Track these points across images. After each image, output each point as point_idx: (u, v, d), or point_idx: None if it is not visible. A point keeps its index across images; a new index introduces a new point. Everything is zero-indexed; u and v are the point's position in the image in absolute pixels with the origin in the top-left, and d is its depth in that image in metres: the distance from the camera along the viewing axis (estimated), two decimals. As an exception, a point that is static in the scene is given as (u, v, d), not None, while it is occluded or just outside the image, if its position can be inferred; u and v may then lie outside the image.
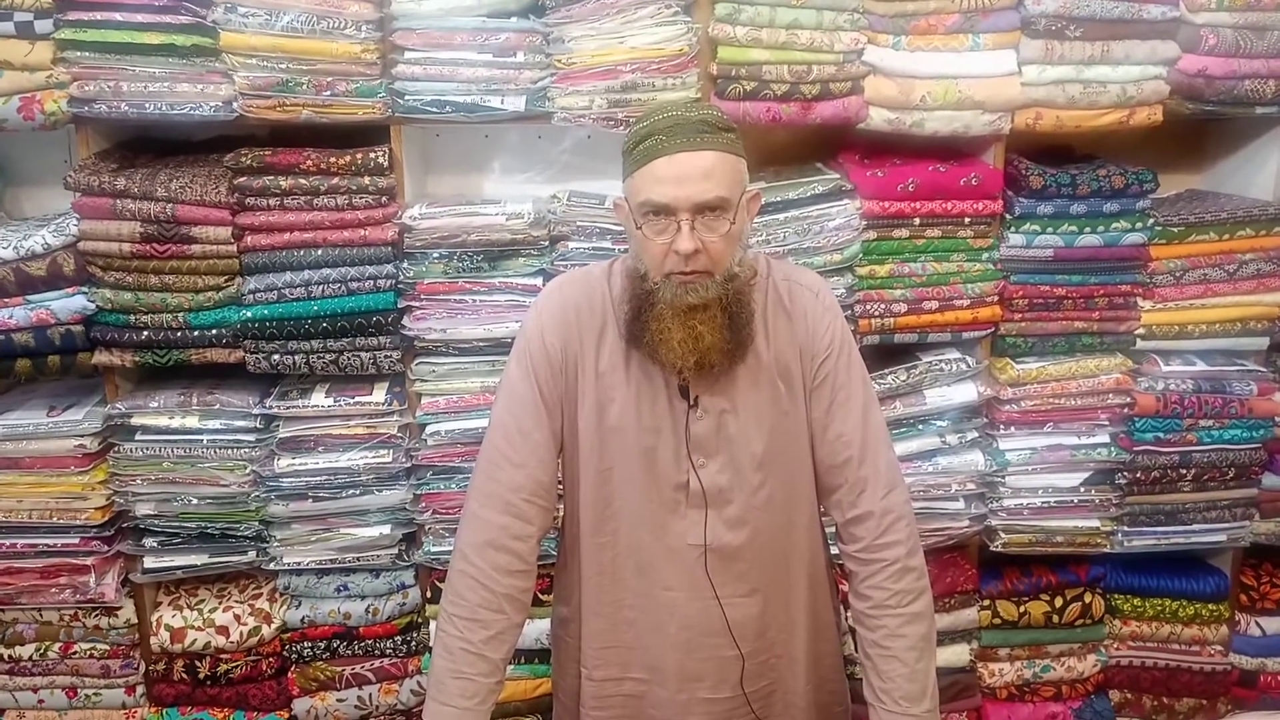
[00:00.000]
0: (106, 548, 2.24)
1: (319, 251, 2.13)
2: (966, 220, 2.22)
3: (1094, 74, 2.14)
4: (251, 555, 2.29)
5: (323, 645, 2.33)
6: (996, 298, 2.26)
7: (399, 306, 2.17)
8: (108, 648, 2.32)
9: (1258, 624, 2.49)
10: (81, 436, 2.18)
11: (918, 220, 2.20)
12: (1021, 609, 2.40)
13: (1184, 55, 2.15)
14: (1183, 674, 2.49)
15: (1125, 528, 2.37)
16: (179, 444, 2.19)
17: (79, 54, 2.04)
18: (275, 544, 2.27)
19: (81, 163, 2.15)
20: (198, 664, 2.31)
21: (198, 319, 2.14)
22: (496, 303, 2.19)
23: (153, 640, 2.30)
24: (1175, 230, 2.25)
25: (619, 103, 2.10)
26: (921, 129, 2.16)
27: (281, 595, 2.34)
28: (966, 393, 2.28)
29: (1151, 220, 2.23)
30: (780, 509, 1.58)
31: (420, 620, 2.37)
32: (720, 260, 1.43)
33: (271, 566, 2.29)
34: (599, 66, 2.09)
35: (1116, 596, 2.46)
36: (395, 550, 2.29)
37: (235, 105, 2.08)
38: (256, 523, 2.25)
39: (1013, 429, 2.32)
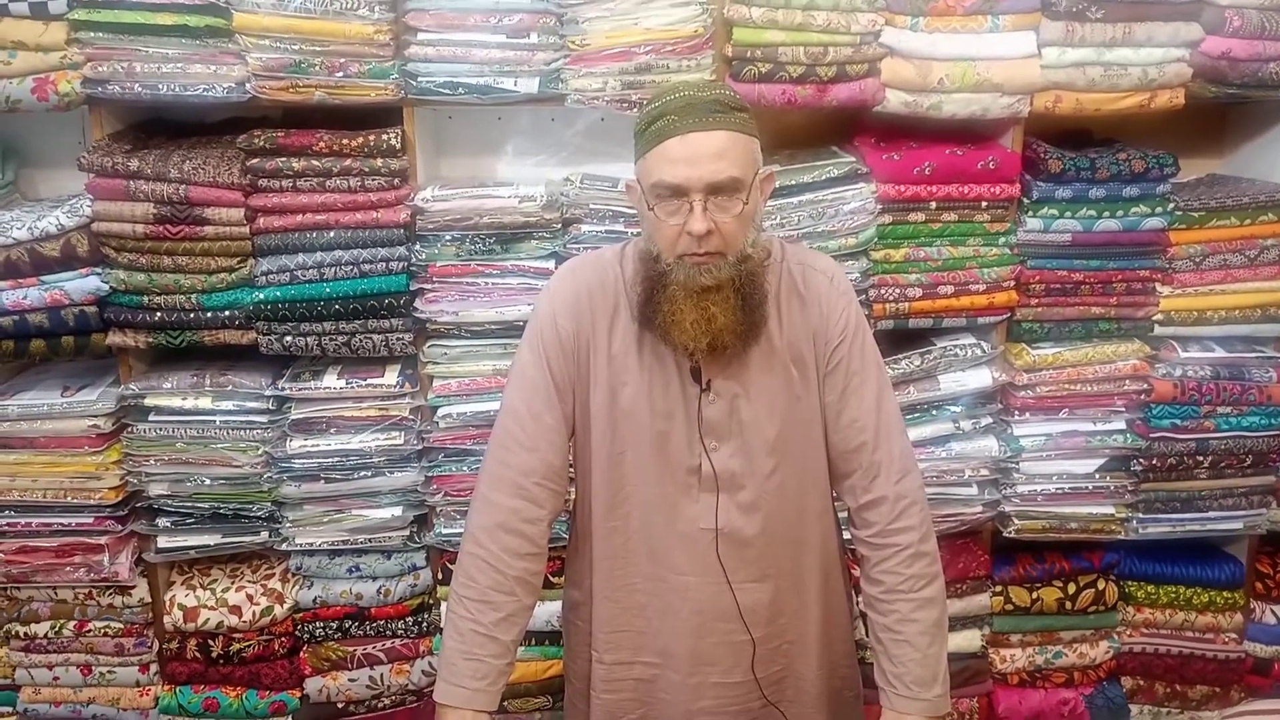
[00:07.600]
0: (120, 527, 2.25)
1: (331, 233, 2.13)
2: (983, 204, 2.20)
3: (1115, 56, 2.11)
4: (264, 536, 2.30)
5: (334, 625, 2.34)
6: (1013, 283, 2.24)
7: (411, 289, 2.17)
8: (122, 626, 2.34)
9: (1273, 612, 2.47)
10: (95, 417, 2.19)
11: (934, 204, 2.19)
12: (1034, 595, 2.40)
13: (1207, 37, 2.12)
14: (1196, 661, 2.48)
15: (1140, 515, 2.36)
16: (192, 425, 2.20)
17: (93, 34, 2.04)
18: (287, 525, 2.28)
19: (95, 144, 2.15)
20: (211, 643, 2.32)
21: (210, 300, 2.15)
22: (508, 285, 2.18)
23: (166, 619, 2.32)
24: (1195, 215, 2.22)
25: (633, 85, 2.09)
26: (939, 112, 2.14)
27: (294, 576, 2.35)
28: (981, 378, 2.26)
29: (1171, 205, 2.21)
30: (793, 494, 1.57)
31: (431, 601, 2.38)
32: (733, 241, 1.41)
33: (284, 547, 2.30)
34: (613, 48, 2.07)
35: (1130, 583, 2.45)
36: (407, 532, 2.30)
37: (248, 87, 2.08)
38: (269, 504, 2.26)
39: (1028, 415, 2.30)
